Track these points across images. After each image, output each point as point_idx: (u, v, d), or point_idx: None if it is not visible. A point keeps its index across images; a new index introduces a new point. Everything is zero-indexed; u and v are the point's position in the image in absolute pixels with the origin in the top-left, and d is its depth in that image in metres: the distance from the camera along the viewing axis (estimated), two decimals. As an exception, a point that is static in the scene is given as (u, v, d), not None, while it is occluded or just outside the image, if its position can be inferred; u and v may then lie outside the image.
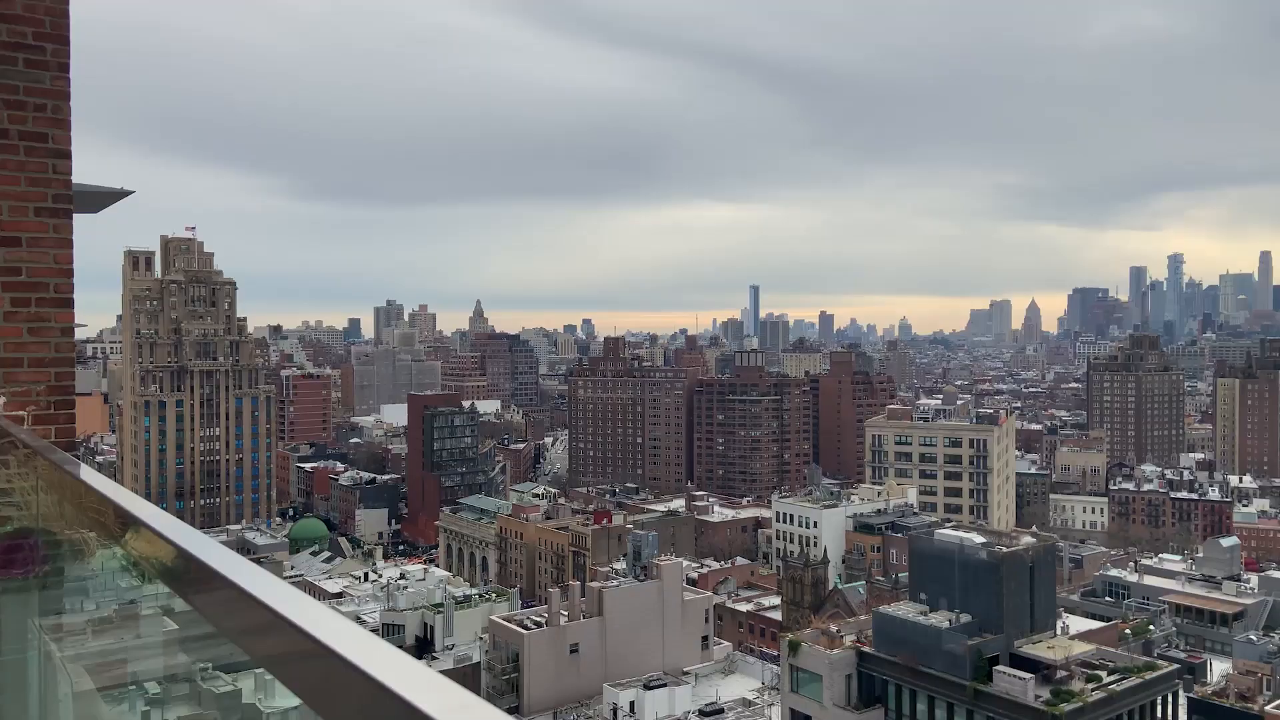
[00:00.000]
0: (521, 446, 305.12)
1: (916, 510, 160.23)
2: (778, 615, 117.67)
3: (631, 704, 71.96)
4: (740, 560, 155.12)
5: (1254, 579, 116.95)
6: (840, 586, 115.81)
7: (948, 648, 57.03)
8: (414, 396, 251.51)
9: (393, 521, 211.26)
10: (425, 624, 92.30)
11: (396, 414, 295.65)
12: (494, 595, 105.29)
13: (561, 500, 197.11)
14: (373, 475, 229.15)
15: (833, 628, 68.09)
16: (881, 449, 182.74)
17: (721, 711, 71.79)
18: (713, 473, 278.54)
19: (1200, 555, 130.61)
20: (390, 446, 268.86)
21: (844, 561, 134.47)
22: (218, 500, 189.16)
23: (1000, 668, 55.91)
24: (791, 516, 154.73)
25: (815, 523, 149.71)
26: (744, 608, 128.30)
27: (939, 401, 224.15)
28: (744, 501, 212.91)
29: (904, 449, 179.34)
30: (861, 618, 74.29)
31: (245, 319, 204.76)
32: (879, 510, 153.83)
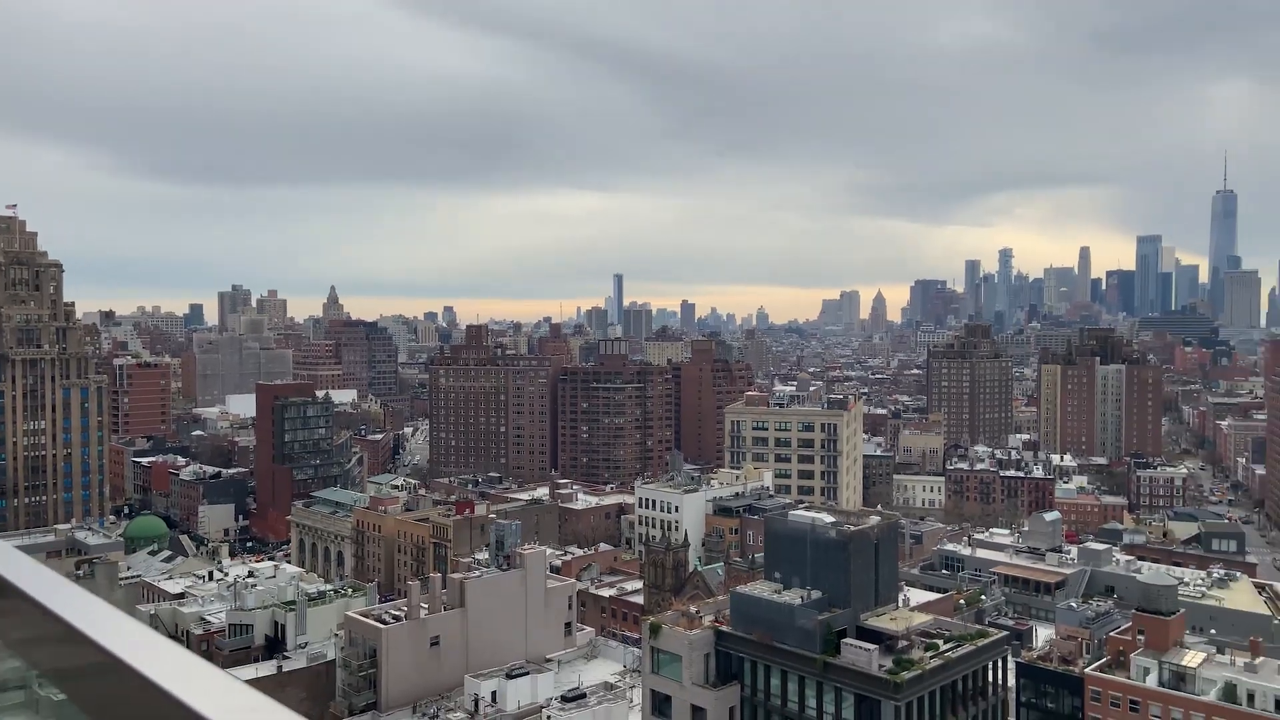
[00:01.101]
0: (379, 437, 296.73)
1: (772, 492, 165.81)
2: (640, 599, 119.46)
3: (493, 694, 71.58)
4: (604, 546, 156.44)
5: (1074, 550, 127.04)
6: (700, 569, 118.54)
7: (799, 624, 59.52)
8: (263, 386, 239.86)
9: (240, 518, 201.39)
10: (275, 622, 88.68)
11: (244, 405, 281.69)
12: (350, 590, 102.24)
13: (422, 491, 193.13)
14: (218, 469, 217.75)
15: (692, 609, 69.78)
16: (740, 434, 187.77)
17: (583, 696, 72.43)
18: (577, 460, 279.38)
19: (1026, 529, 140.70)
20: (237, 439, 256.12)
21: (704, 544, 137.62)
22: (44, 498, 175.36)
23: (848, 640, 58.85)
24: (654, 502, 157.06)
25: (676, 507, 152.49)
26: (607, 593, 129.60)
27: (794, 388, 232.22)
28: (608, 488, 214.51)
29: (761, 434, 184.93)
30: (720, 598, 76.43)
31: (73, 304, 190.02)
32: (737, 493, 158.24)
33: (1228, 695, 75.82)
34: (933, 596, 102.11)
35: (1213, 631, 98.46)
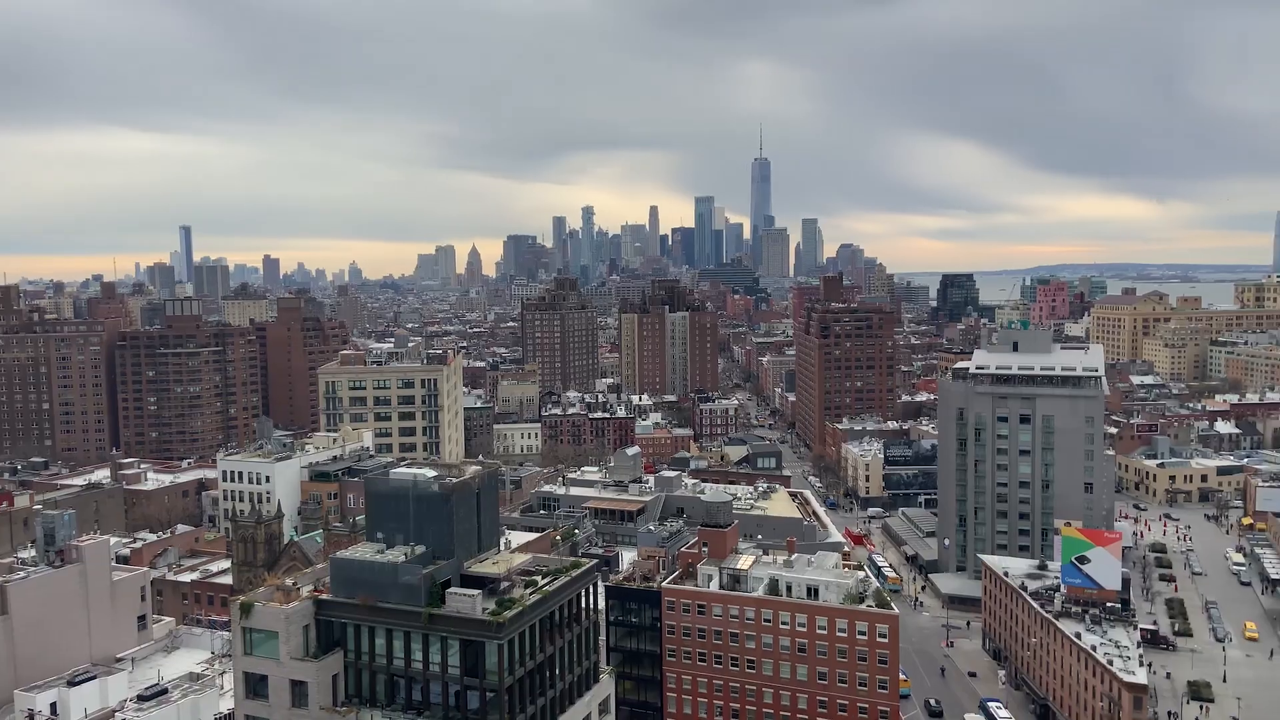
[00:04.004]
0: None
1: (373, 453, 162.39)
2: (229, 579, 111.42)
3: (52, 705, 62.65)
4: (183, 528, 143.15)
5: (652, 479, 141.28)
6: (296, 539, 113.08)
7: (403, 580, 59.58)
8: None
9: None
10: None
11: None
12: None
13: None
14: None
15: (289, 581, 66.50)
16: (336, 395, 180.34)
17: (165, 692, 66.08)
18: (144, 436, 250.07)
19: (612, 464, 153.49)
20: None
21: (300, 513, 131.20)
22: None
23: (452, 590, 60.15)
24: (240, 474, 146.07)
25: (268, 477, 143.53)
26: (189, 578, 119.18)
27: (392, 344, 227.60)
28: (185, 464, 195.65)
29: (359, 393, 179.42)
30: (320, 566, 73.62)
31: None
32: (335, 457, 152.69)
33: (771, 589, 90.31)
34: (532, 536, 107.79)
35: (759, 536, 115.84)
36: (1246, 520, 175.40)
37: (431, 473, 67.29)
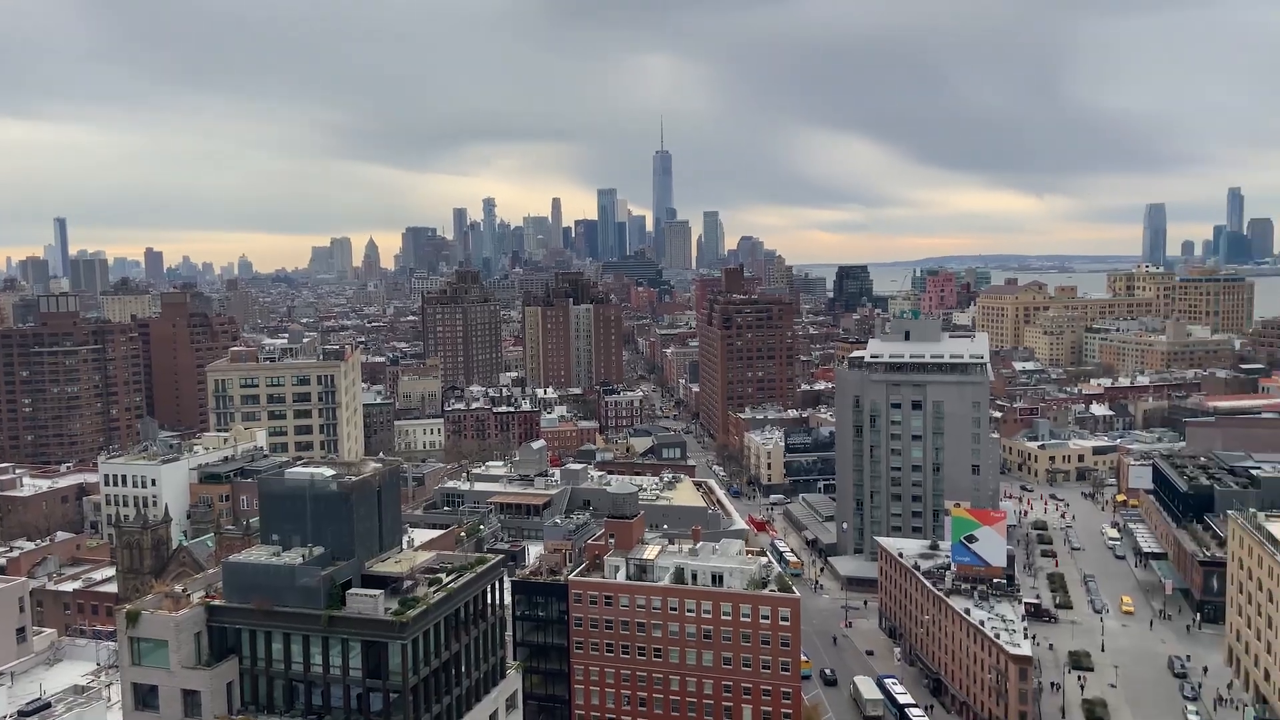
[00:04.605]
0: None
1: (267, 452, 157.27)
2: (114, 588, 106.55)
3: (-83, 733, 58.85)
4: (63, 535, 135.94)
5: (557, 473, 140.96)
6: (186, 543, 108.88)
7: (301, 583, 58.06)
8: None
9: None
10: None
11: None
12: None
13: None
14: None
15: (179, 588, 64.04)
16: (226, 394, 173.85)
17: (48, 706, 62.87)
18: (19, 439, 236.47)
19: (517, 458, 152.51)
20: None
21: (189, 517, 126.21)
22: None
23: (353, 591, 58.94)
24: (124, 478, 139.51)
25: (154, 480, 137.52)
26: (70, 587, 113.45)
27: (285, 340, 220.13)
28: (63, 468, 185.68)
29: (251, 391, 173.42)
30: (212, 571, 71.09)
31: None
32: (227, 458, 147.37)
33: (677, 578, 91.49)
34: (436, 533, 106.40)
35: (665, 526, 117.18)
36: (1120, 497, 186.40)
37: (329, 471, 65.74)
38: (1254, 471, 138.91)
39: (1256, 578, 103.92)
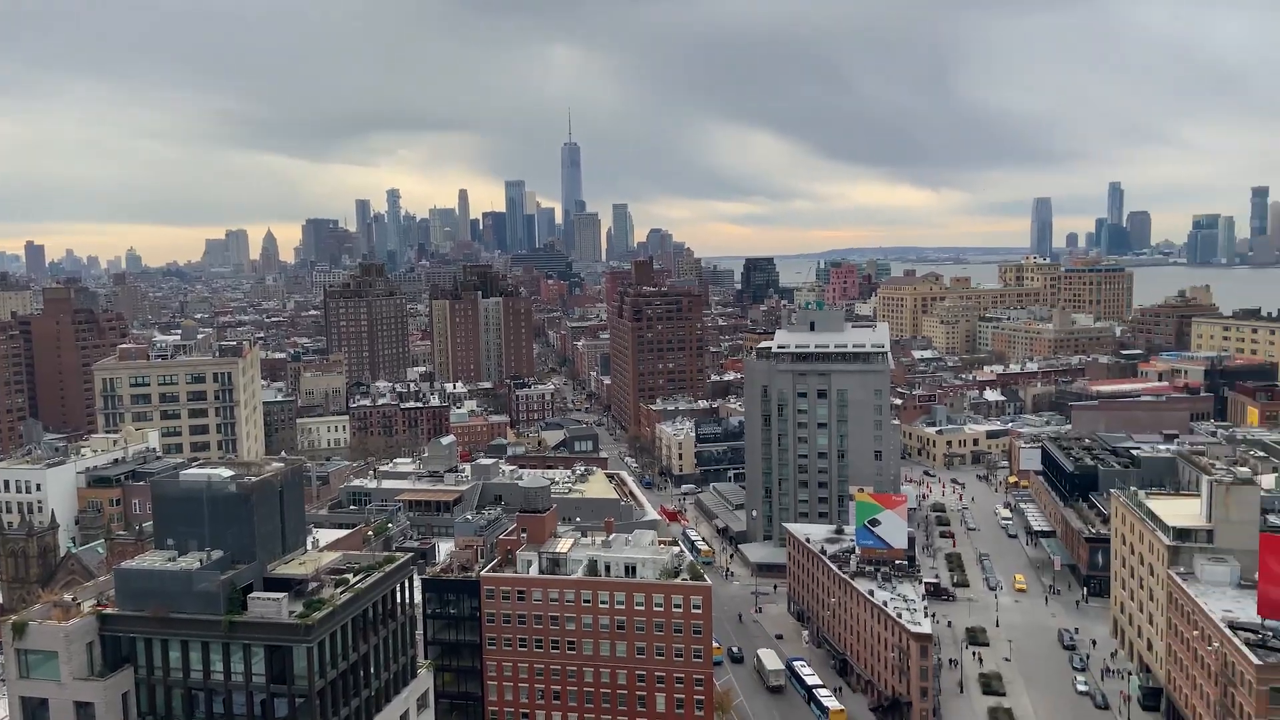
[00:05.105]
0: None
1: (160, 454, 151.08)
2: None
3: None
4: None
5: (468, 468, 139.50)
6: (75, 550, 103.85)
7: (199, 588, 56.18)
8: None
9: None
10: None
11: None
12: None
13: None
14: None
15: (68, 597, 61.17)
16: (115, 393, 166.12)
17: (-78, 731, 59.18)
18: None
19: (426, 455, 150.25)
20: None
21: (78, 522, 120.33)
22: None
23: (255, 594, 57.31)
24: (7, 483, 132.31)
25: (38, 485, 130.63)
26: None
27: (179, 337, 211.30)
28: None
29: (142, 390, 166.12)
30: (103, 579, 68.07)
31: None
32: (117, 460, 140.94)
33: (591, 570, 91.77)
34: (343, 533, 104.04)
35: (578, 519, 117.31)
36: (1012, 479, 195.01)
37: (228, 472, 63.72)
38: (1134, 452, 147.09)
39: (1138, 552, 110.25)
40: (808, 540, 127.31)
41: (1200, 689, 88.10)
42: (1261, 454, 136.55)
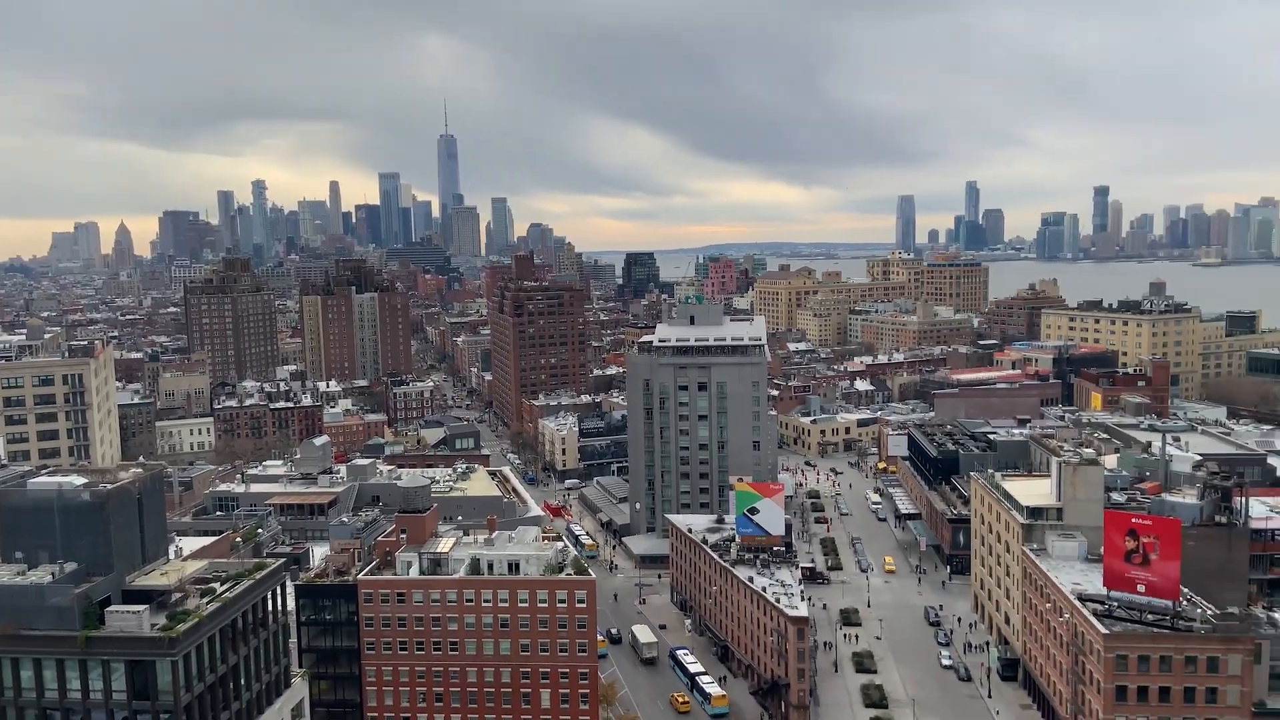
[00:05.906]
0: None
1: (5, 462, 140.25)
2: None
3: None
4: None
5: (343, 469, 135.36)
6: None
7: (52, 602, 52.79)
8: None
9: None
10: None
11: None
12: None
13: None
14: None
15: (-104, 621, 56.22)
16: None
17: None
18: None
19: (298, 456, 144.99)
20: None
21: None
22: None
23: (113, 608, 54.23)
24: None
25: None
26: None
27: (23, 337, 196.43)
28: None
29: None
30: (-62, 600, 62.92)
31: None
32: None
33: (473, 569, 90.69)
34: (208, 540, 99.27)
35: (460, 518, 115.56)
36: (881, 465, 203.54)
37: (80, 480, 60.04)
38: (991, 436, 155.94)
39: (995, 531, 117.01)
40: (690, 530, 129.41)
41: (1054, 658, 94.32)
42: (1104, 436, 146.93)
